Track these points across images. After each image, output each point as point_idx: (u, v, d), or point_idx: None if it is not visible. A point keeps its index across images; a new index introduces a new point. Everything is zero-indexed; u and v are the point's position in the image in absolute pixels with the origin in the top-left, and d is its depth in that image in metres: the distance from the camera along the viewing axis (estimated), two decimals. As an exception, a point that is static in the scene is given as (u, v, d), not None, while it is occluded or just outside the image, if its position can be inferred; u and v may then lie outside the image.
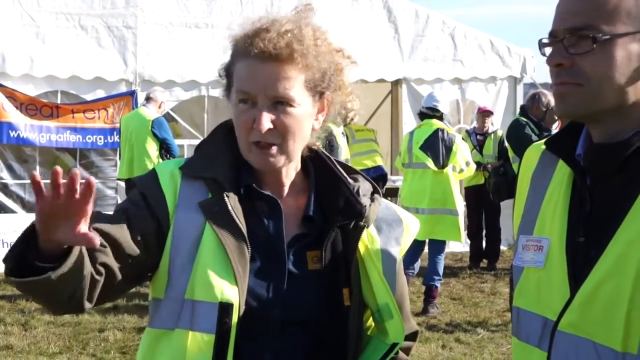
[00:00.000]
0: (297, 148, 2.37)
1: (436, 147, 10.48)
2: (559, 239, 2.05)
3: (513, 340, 2.19)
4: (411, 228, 2.53)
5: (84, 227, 2.01)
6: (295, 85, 2.30)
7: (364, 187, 2.46)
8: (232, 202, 2.31)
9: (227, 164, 2.38)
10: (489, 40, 15.30)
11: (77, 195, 1.96)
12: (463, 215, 10.88)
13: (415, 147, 10.61)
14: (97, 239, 2.03)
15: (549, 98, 10.71)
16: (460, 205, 10.73)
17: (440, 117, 10.73)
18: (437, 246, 10.69)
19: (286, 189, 2.43)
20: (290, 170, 2.43)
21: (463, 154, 10.70)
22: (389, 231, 2.47)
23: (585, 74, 1.98)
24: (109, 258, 2.23)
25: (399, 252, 2.49)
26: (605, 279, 1.92)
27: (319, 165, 2.48)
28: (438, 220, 10.36)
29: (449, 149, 10.47)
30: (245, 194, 2.37)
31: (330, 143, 10.23)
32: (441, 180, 10.49)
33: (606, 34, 1.96)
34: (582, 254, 2.00)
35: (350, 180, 2.45)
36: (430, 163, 10.47)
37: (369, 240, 2.42)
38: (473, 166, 11.13)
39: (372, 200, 2.45)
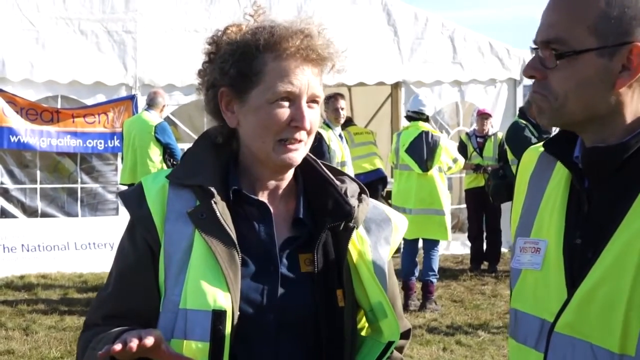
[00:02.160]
0: (310, 146, 2.42)
1: (420, 150, 10.64)
2: (556, 241, 2.06)
3: (510, 342, 2.19)
4: (399, 227, 2.54)
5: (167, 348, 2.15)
6: (321, 85, 2.38)
7: (352, 188, 2.47)
8: (220, 208, 2.30)
9: (213, 170, 2.37)
10: (488, 42, 15.30)
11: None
12: (450, 213, 10.98)
13: (401, 150, 10.82)
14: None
15: None
16: (447, 204, 10.89)
17: (427, 119, 10.87)
18: (430, 243, 10.89)
19: (280, 192, 2.44)
20: (290, 173, 2.44)
21: (449, 152, 10.88)
22: (378, 231, 2.48)
23: (552, 89, 2.01)
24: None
25: (388, 251, 2.50)
26: (603, 281, 1.93)
27: (306, 168, 2.48)
28: (425, 220, 10.55)
29: (432, 151, 10.61)
30: (234, 200, 2.37)
31: (321, 149, 10.34)
32: (426, 182, 10.69)
33: (571, 49, 1.97)
34: (580, 256, 2.01)
35: (338, 182, 2.45)
36: (414, 166, 10.67)
37: (359, 240, 2.43)
38: (461, 160, 11.29)
39: (360, 200, 2.45)
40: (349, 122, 14.43)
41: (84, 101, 13.43)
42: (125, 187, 12.06)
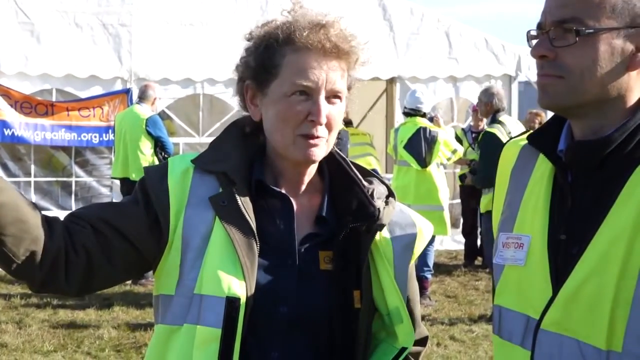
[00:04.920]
0: (333, 142, 2.40)
1: (419, 146, 10.70)
2: (540, 237, 2.06)
3: (494, 339, 2.18)
4: (424, 232, 2.52)
5: None
6: (344, 79, 2.36)
7: (379, 190, 2.45)
8: (241, 197, 2.30)
9: (239, 159, 2.38)
10: (483, 38, 15.29)
11: None
12: (448, 208, 11.01)
13: (399, 146, 10.88)
14: None
15: None
16: (446, 199, 10.95)
17: (424, 115, 10.91)
18: None
19: (303, 187, 2.43)
20: (313, 168, 2.43)
21: (449, 144, 10.99)
22: (402, 235, 2.46)
23: (566, 67, 2.00)
24: (89, 240, 2.26)
25: (411, 256, 2.48)
26: (589, 277, 1.93)
27: (333, 167, 2.48)
28: (424, 215, 10.42)
29: (431, 147, 10.66)
30: (257, 191, 2.37)
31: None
32: (425, 178, 10.75)
33: (590, 28, 1.97)
34: (564, 251, 2.01)
35: (365, 183, 2.44)
36: (413, 163, 10.73)
37: (382, 243, 2.41)
38: (460, 150, 11.43)
39: (387, 203, 2.44)
40: (347, 124, 14.42)
41: (79, 94, 13.41)
42: (118, 181, 12.10)
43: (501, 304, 2.15)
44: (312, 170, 2.44)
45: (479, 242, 13.79)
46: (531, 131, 2.22)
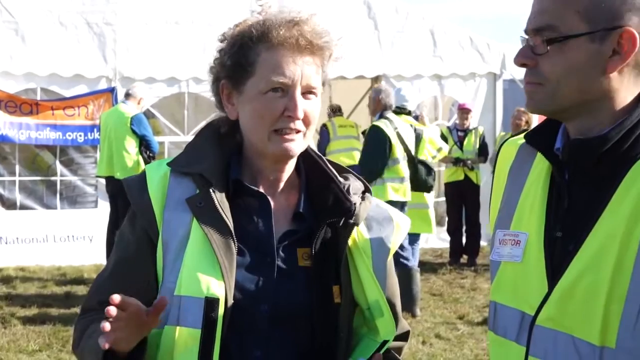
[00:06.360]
0: (311, 138, 2.42)
1: None
2: (536, 234, 2.07)
3: (490, 335, 2.19)
4: (401, 227, 2.54)
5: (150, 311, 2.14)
6: (319, 75, 2.38)
7: (355, 185, 2.48)
8: (218, 197, 2.32)
9: (214, 159, 2.39)
10: (468, 36, 15.32)
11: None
12: (433, 206, 11.00)
13: None
14: (164, 298, 2.17)
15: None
16: (431, 197, 10.89)
17: (409, 113, 10.89)
18: (411, 237, 10.81)
19: (281, 185, 2.45)
20: (290, 165, 2.45)
21: (434, 143, 10.96)
22: (380, 229, 2.48)
23: (544, 74, 2.02)
24: None
25: (389, 250, 2.50)
26: (584, 274, 1.94)
27: (309, 164, 2.50)
28: (409, 213, 10.52)
29: (416, 145, 10.60)
30: (234, 190, 2.39)
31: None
32: None
33: (561, 34, 1.99)
34: (560, 248, 2.02)
35: (341, 179, 2.47)
36: None
37: (359, 238, 2.44)
38: (445, 148, 11.42)
39: (363, 198, 2.46)
40: (336, 111, 14.43)
41: (64, 93, 13.36)
42: (103, 180, 12.05)
43: (497, 300, 2.17)
44: (290, 167, 2.45)
45: (464, 240, 13.84)
46: (528, 130, 2.24)
